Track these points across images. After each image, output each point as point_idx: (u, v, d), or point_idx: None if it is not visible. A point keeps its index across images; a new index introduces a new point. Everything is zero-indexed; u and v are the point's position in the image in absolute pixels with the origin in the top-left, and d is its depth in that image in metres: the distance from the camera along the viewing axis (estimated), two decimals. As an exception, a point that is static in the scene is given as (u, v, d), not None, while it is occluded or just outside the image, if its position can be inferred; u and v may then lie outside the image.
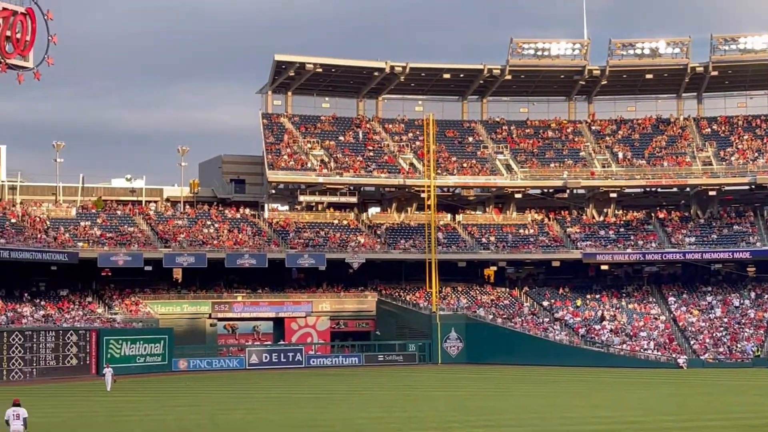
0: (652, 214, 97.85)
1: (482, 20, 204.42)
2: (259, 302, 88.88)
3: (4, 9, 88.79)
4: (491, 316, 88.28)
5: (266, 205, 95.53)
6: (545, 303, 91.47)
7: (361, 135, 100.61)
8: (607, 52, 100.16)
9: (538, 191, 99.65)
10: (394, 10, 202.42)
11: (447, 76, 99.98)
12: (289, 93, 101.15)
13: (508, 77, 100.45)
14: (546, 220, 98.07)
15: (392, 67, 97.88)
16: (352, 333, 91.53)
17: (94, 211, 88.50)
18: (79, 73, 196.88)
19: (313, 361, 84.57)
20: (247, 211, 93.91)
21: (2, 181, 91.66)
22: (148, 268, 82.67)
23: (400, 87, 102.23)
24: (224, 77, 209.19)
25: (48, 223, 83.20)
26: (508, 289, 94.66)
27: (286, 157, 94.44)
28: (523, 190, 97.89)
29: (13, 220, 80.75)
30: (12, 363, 70.57)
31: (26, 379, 70.78)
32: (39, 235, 79.83)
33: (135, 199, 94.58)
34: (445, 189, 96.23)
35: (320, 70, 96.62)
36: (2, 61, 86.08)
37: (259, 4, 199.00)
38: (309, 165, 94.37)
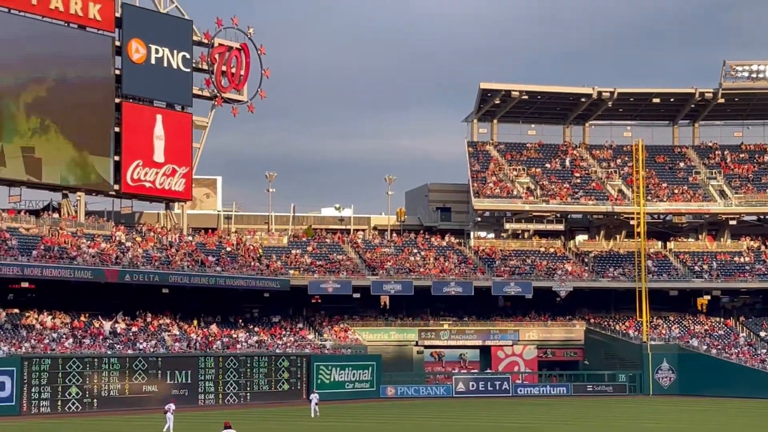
0: None
1: (691, 43, 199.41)
2: (465, 330, 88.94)
3: (221, 45, 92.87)
4: (705, 347, 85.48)
5: (472, 233, 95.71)
6: (762, 333, 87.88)
7: (567, 162, 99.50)
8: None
9: (754, 218, 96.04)
10: (599, 35, 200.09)
11: (656, 100, 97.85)
12: (495, 121, 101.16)
13: (721, 101, 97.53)
14: (762, 247, 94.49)
15: (599, 93, 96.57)
16: (560, 362, 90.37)
17: (304, 239, 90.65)
18: (289, 105, 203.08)
19: (521, 390, 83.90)
20: (453, 238, 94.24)
21: (218, 211, 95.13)
22: (356, 295, 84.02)
23: (607, 112, 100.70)
24: (430, 106, 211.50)
25: (261, 251, 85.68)
26: (722, 319, 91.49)
27: (491, 184, 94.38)
28: (737, 216, 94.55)
29: (228, 249, 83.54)
30: (227, 387, 72.91)
31: (240, 402, 73.00)
32: (252, 263, 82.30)
33: (344, 227, 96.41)
34: (656, 216, 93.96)
35: (526, 97, 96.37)
36: (219, 95, 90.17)
37: (463, 33, 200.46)
38: (515, 192, 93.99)
